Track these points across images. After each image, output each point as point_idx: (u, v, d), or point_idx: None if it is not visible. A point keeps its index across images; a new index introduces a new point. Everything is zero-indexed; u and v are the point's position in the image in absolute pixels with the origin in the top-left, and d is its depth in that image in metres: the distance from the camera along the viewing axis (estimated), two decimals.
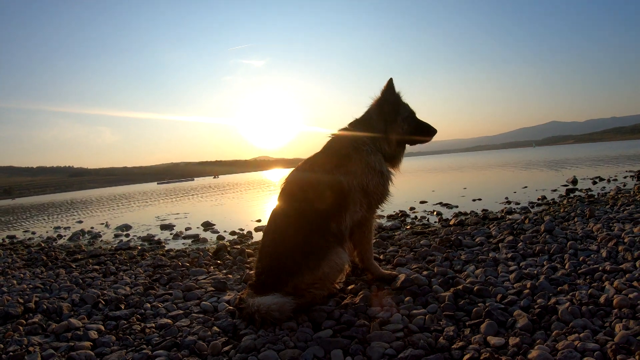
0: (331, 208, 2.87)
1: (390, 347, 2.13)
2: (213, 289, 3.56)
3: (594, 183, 9.94)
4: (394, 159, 3.23)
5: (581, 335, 2.07)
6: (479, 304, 2.57)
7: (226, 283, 3.63)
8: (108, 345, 2.54)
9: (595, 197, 7.12)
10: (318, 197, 2.87)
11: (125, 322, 2.91)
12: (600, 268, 3.01)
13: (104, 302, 3.36)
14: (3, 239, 10.02)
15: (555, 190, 9.10)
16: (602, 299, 2.45)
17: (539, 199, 7.74)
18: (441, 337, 2.21)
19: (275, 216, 2.97)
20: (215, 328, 2.63)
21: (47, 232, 11.37)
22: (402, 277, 3.08)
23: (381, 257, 4.15)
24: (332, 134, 3.23)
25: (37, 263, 5.67)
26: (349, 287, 3.14)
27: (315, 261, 2.70)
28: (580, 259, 3.32)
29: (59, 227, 12.45)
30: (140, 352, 2.36)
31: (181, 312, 3.02)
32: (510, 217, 5.85)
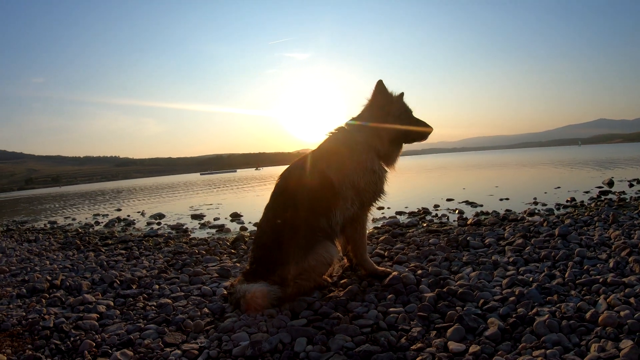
0: (321, 204, 2.97)
1: (352, 341, 2.20)
2: (217, 275, 3.81)
3: (631, 186, 9.26)
4: (389, 158, 3.27)
5: (548, 352, 1.96)
6: (457, 308, 2.56)
7: (230, 271, 3.86)
8: (111, 318, 2.85)
9: (627, 200, 6.72)
10: (308, 193, 2.98)
11: (132, 299, 3.23)
12: (601, 279, 2.82)
13: (118, 282, 3.70)
14: (45, 224, 10.91)
15: (587, 192, 8.62)
16: (588, 314, 2.30)
17: (567, 201, 7.40)
18: (404, 337, 2.24)
19: (268, 209, 3.13)
20: (205, 309, 2.86)
21: (86, 218, 12.22)
22: (392, 274, 3.13)
23: (385, 253, 4.19)
24: (329, 132, 3.34)
25: (71, 247, 6.24)
26: (342, 282, 3.24)
27: (302, 253, 2.84)
28: (585, 267, 3.17)
29: (97, 215, 13.32)
30: (135, 325, 2.64)
31: (182, 294, 3.29)
32: (530, 218, 5.68)
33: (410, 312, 2.56)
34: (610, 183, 9.78)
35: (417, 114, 3.32)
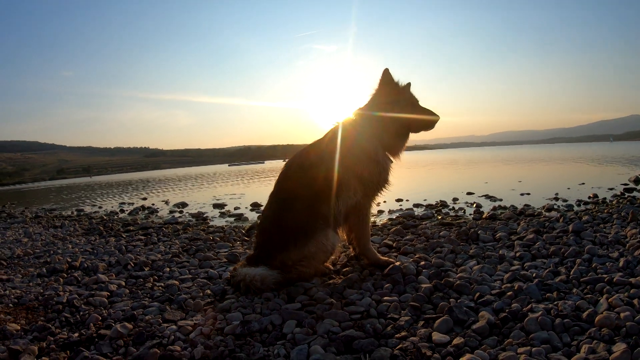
0: (323, 192, 3.01)
1: (339, 326, 2.25)
2: (226, 260, 3.95)
3: None
4: (394, 148, 3.27)
5: (534, 349, 1.91)
6: (451, 300, 2.54)
7: (238, 256, 3.99)
8: (120, 296, 3.04)
9: None
10: (311, 181, 3.03)
11: (142, 280, 3.42)
12: (607, 278, 2.69)
13: (132, 265, 3.91)
14: (72, 212, 11.39)
15: (611, 189, 8.25)
16: (585, 314, 2.22)
17: (589, 197, 7.14)
18: (391, 326, 2.25)
19: (272, 196, 3.21)
20: (208, 291, 3.00)
21: (112, 207, 12.61)
22: (392, 264, 3.15)
23: (394, 244, 4.18)
24: (336, 122, 3.37)
25: (94, 232, 6.55)
26: (344, 270, 3.29)
27: (302, 240, 2.90)
28: (593, 265, 3.05)
29: (123, 203, 13.74)
30: (140, 302, 2.82)
31: (190, 276, 3.45)
32: (547, 214, 5.54)
33: (404, 302, 2.58)
34: (637, 180, 9.34)
35: (444, 105, 3.27)
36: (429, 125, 3.30)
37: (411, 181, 15.06)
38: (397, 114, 3.18)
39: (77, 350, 2.13)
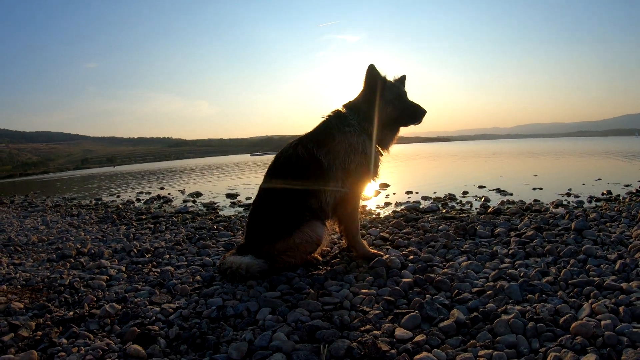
0: (310, 185, 3.08)
1: (309, 316, 2.32)
2: (223, 249, 4.10)
3: None
4: (382, 141, 3.31)
5: (495, 353, 1.84)
6: (428, 295, 2.52)
7: (234, 245, 4.12)
8: (118, 280, 3.24)
9: None
10: (298, 174, 3.10)
11: (141, 266, 3.60)
12: (597, 282, 2.55)
13: (136, 251, 4.11)
14: (90, 201, 11.81)
15: (627, 186, 7.99)
16: (562, 319, 2.09)
17: (602, 194, 6.95)
18: (359, 319, 2.27)
19: (261, 189, 3.31)
20: (198, 277, 3.15)
21: (129, 196, 12.97)
22: (378, 257, 3.18)
23: (390, 237, 4.20)
24: (326, 115, 3.43)
25: (107, 221, 6.85)
26: (333, 261, 3.35)
27: (288, 231, 2.99)
28: (587, 267, 2.91)
29: (141, 192, 14.13)
30: (133, 286, 3.01)
31: (185, 263, 3.61)
32: (554, 210, 5.45)
33: (381, 296, 2.57)
34: None
35: (469, 96, 3.21)
36: (415, 118, 3.30)
37: (425, 174, 14.95)
38: (384, 108, 3.21)
39: (67, 326, 2.31)
